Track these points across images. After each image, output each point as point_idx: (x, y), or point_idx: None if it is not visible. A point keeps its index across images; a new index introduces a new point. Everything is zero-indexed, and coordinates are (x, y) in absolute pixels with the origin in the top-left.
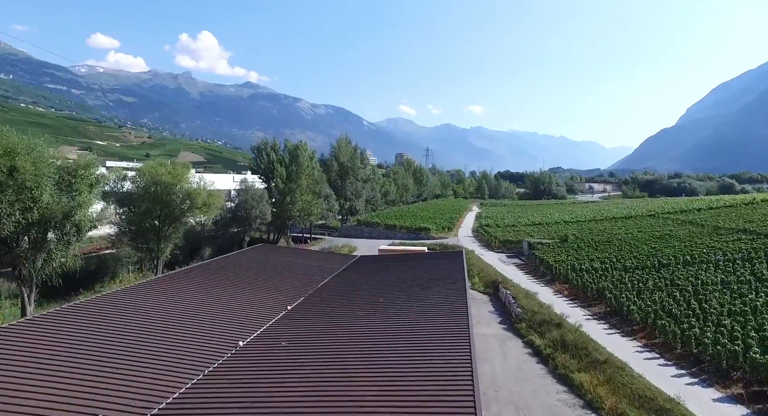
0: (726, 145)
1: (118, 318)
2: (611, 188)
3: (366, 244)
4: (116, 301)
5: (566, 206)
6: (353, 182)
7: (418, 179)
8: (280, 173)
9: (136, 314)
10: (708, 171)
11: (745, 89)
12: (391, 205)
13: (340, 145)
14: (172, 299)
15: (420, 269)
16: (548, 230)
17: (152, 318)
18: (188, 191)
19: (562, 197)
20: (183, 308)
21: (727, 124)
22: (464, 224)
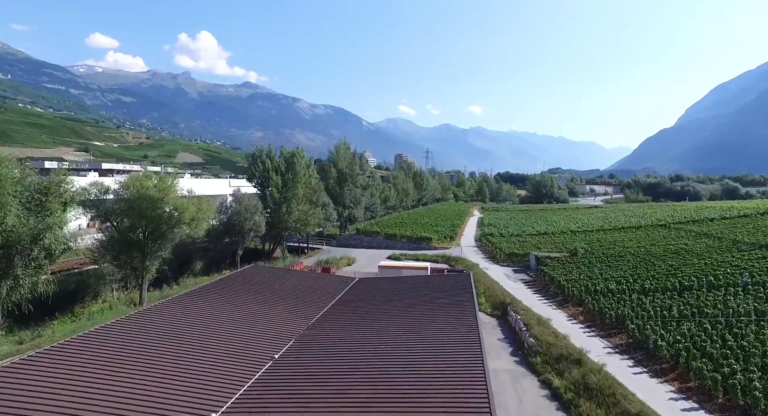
0: (725, 145)
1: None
2: (612, 191)
3: (365, 255)
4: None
5: (570, 212)
6: (352, 189)
7: (419, 183)
8: (276, 182)
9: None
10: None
11: (744, 90)
12: (390, 211)
13: (339, 150)
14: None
15: (426, 298)
16: (555, 241)
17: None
18: (176, 206)
19: (564, 200)
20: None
21: (727, 124)
22: (466, 232)
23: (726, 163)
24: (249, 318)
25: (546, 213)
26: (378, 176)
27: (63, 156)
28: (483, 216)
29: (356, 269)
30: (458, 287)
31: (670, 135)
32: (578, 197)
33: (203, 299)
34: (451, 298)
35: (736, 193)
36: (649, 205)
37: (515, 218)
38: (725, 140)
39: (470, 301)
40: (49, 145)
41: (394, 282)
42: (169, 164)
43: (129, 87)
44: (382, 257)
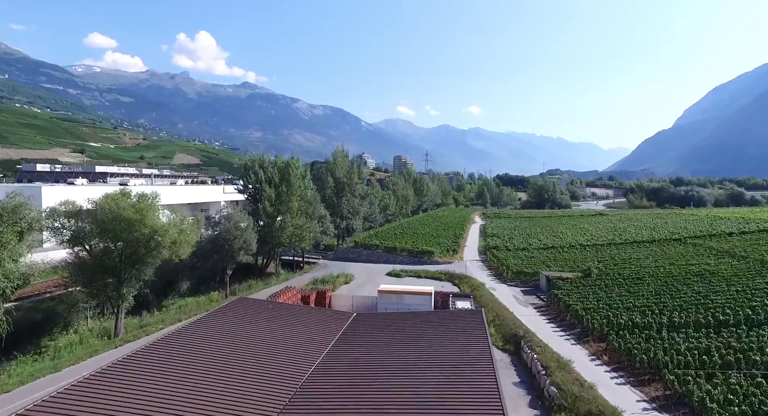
0: (723, 147)
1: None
2: (613, 194)
3: (364, 270)
4: None
5: (574, 220)
6: (350, 199)
7: (419, 189)
8: (269, 194)
9: None
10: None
11: (742, 92)
12: (390, 218)
13: (336, 158)
14: None
15: (434, 346)
16: (564, 257)
17: None
18: (155, 228)
19: (566, 205)
20: None
21: (725, 126)
22: (469, 243)
23: (724, 164)
24: (223, 378)
25: (550, 221)
26: (377, 183)
27: (58, 158)
28: (485, 223)
29: (354, 291)
30: (469, 330)
31: (669, 136)
32: (579, 201)
33: (165, 357)
34: (462, 350)
35: (741, 198)
36: (656, 212)
37: (519, 227)
38: (723, 141)
39: (486, 355)
40: (44, 146)
41: (396, 322)
42: (165, 166)
43: (127, 87)
44: (382, 273)
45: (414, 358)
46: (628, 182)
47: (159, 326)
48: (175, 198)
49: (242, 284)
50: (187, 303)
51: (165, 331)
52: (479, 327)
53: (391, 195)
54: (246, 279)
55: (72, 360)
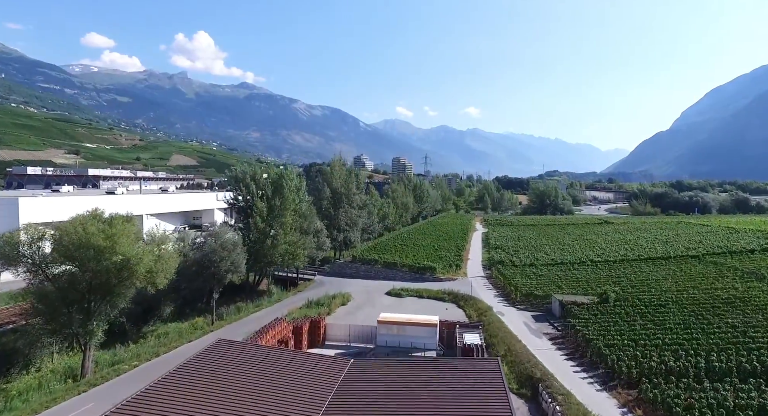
0: (721, 149)
1: None
2: (614, 197)
3: (362, 289)
4: None
5: (580, 229)
6: (348, 211)
7: (419, 195)
8: (260, 210)
9: None
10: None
11: (739, 93)
12: (389, 228)
13: (333, 167)
14: None
15: (446, 399)
16: (575, 275)
17: None
18: (128, 256)
19: (569, 211)
20: None
21: (722, 128)
22: (472, 256)
23: (722, 166)
24: None
25: (554, 230)
26: (375, 191)
27: (52, 159)
28: (487, 231)
29: (352, 314)
30: (486, 385)
31: (666, 138)
32: (581, 205)
33: None
34: (479, 408)
35: (747, 204)
36: (663, 221)
37: (523, 237)
38: (721, 143)
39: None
40: (38, 147)
41: (400, 373)
42: (161, 167)
43: (125, 87)
44: (381, 292)
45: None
46: (629, 185)
47: (133, 362)
48: (166, 206)
49: (231, 306)
50: (168, 331)
51: (141, 368)
52: (496, 381)
53: (390, 203)
54: (236, 298)
55: (26, 412)
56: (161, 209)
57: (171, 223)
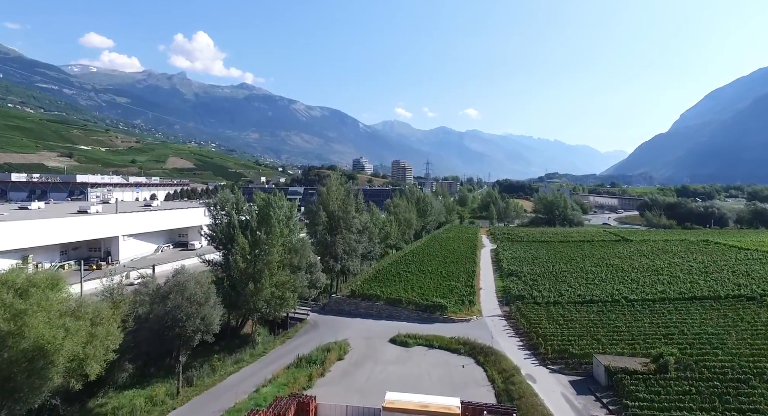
0: (720, 151)
1: None
2: (618, 203)
3: (362, 334)
4: None
5: (598, 248)
6: (346, 237)
7: (422, 209)
8: (242, 246)
9: None
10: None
11: (738, 96)
12: (391, 246)
13: (330, 187)
14: None
15: None
16: (614, 321)
17: None
18: (41, 343)
19: (578, 222)
20: None
21: (721, 130)
22: (485, 283)
23: (722, 169)
24: None
25: (570, 249)
26: (377, 209)
27: (44, 162)
28: (497, 249)
29: (349, 382)
30: None
31: (666, 140)
32: (588, 213)
33: None
34: None
35: (766, 215)
36: (689, 240)
37: (539, 260)
38: (720, 145)
39: None
40: (31, 149)
41: None
42: (157, 170)
43: (124, 87)
44: (385, 339)
45: None
46: (632, 190)
47: None
48: (147, 225)
49: (205, 362)
50: (121, 406)
51: None
52: None
53: (393, 221)
54: (214, 348)
55: None
56: (141, 228)
57: (153, 242)
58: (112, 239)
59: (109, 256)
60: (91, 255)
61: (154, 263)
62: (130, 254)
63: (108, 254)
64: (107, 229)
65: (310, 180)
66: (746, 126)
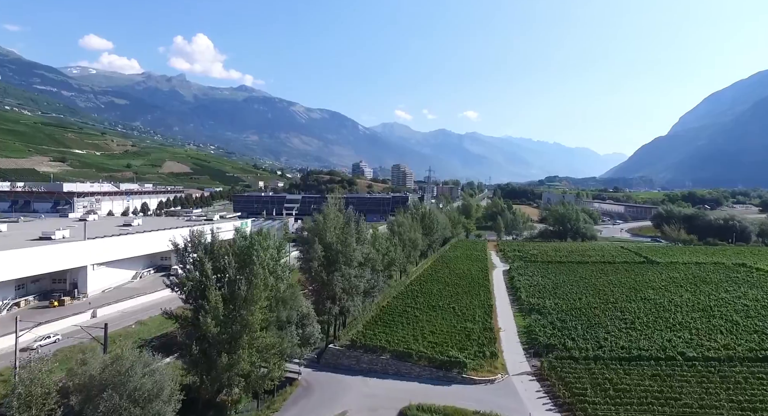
0: (721, 155)
1: None
2: (624, 211)
3: (365, 403)
4: None
5: (624, 274)
6: (346, 273)
7: (427, 225)
8: (214, 305)
9: None
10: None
11: (738, 99)
12: (396, 268)
13: (328, 215)
14: None
15: None
16: (678, 391)
17: None
18: None
19: (592, 236)
20: None
21: (721, 133)
22: (503, 321)
23: (722, 172)
24: None
25: (591, 272)
26: (378, 232)
27: (36, 167)
28: (510, 271)
29: None
30: None
31: (665, 143)
32: (598, 224)
33: None
34: None
35: None
36: (722, 265)
37: (561, 289)
38: (720, 149)
39: None
40: (23, 154)
41: None
42: (153, 174)
43: (123, 89)
44: (394, 410)
45: None
46: (636, 195)
47: None
48: (122, 251)
49: None
50: None
51: None
52: None
53: (397, 244)
54: None
55: None
56: (115, 255)
57: (130, 268)
58: (79, 268)
59: (76, 288)
60: (55, 288)
61: (130, 294)
62: (102, 284)
63: (74, 287)
64: (74, 258)
65: (308, 185)
66: (746, 129)
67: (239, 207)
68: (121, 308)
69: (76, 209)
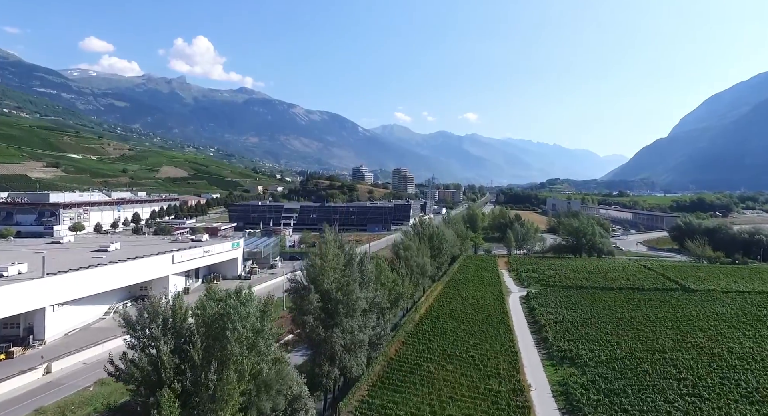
0: (722, 157)
1: None
2: (632, 218)
3: None
4: None
5: (656, 306)
6: (347, 327)
7: (436, 246)
8: (165, 404)
9: None
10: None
11: (738, 101)
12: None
13: (325, 256)
14: None
15: None
16: None
17: None
18: None
19: (609, 252)
20: None
21: (722, 135)
22: (533, 374)
23: (724, 175)
24: None
25: (623, 303)
26: (382, 264)
27: (28, 173)
28: (527, 297)
29: None
30: None
31: (666, 145)
32: (611, 237)
33: None
34: None
35: None
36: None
37: (594, 329)
38: (722, 151)
39: None
40: (16, 159)
41: None
42: (149, 179)
43: (123, 91)
44: None
45: None
46: (643, 200)
47: None
48: (93, 286)
49: None
50: None
51: None
52: None
53: (405, 274)
54: None
55: None
56: (82, 292)
57: (102, 303)
58: (36, 310)
59: (31, 335)
60: (5, 335)
61: (96, 338)
62: (65, 326)
63: (29, 333)
64: (29, 300)
65: (308, 191)
66: (748, 131)
67: (235, 217)
68: (84, 358)
69: (62, 221)
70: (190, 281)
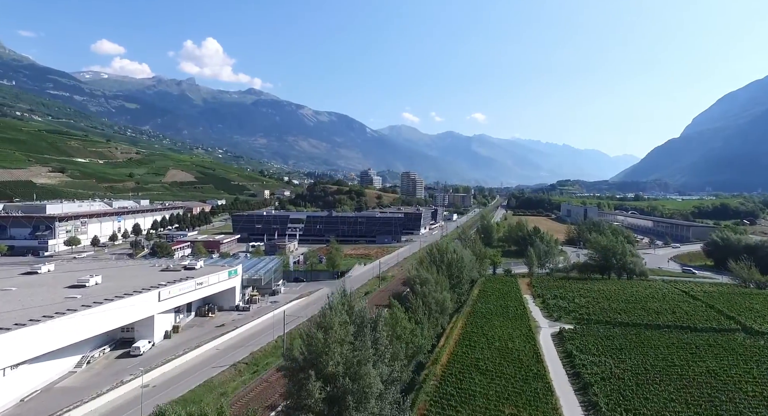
0: (737, 157)
1: None
2: (653, 225)
3: None
4: None
5: (722, 354)
6: (359, 407)
7: (455, 275)
8: None
9: None
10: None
11: (753, 100)
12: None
13: (330, 329)
14: None
15: None
16: None
17: None
18: None
19: (642, 273)
20: None
21: (737, 136)
22: None
23: (739, 176)
24: None
25: (675, 347)
26: (397, 306)
27: (33, 179)
28: (562, 337)
29: None
30: None
31: (678, 145)
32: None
33: None
34: None
35: None
36: None
37: (652, 388)
38: (736, 151)
39: None
40: (22, 164)
41: None
42: (156, 184)
43: (133, 93)
44: None
45: None
46: (662, 205)
47: None
48: (63, 338)
49: None
50: None
51: None
52: None
53: (423, 319)
54: None
55: None
56: (44, 348)
57: (73, 354)
58: None
59: None
60: None
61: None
62: (20, 390)
63: None
64: None
65: (315, 196)
66: (764, 131)
67: (239, 228)
68: None
69: (58, 235)
70: (180, 317)
